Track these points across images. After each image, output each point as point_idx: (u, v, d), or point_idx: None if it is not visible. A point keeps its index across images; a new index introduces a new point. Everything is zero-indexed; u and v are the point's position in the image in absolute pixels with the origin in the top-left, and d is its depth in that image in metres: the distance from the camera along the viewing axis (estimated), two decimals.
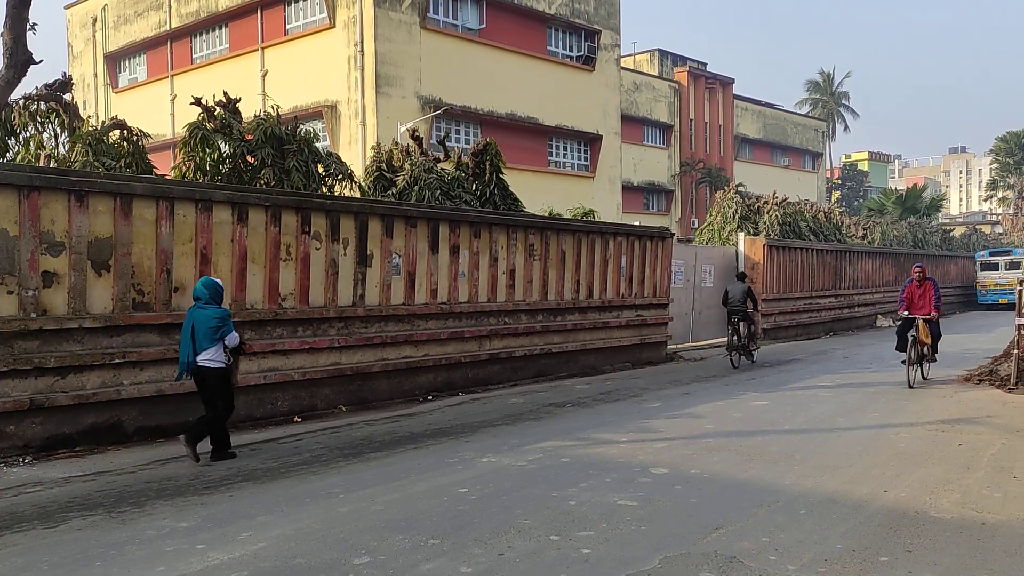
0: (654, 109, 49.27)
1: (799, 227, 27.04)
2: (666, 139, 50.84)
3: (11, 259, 8.13)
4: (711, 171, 50.62)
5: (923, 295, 13.46)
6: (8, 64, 9.86)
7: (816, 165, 65.01)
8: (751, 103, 58.40)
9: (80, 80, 36.55)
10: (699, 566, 5.00)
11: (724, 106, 54.26)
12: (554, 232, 14.95)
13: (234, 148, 12.80)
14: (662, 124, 50.10)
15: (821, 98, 76.58)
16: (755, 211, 26.71)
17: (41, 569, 5.05)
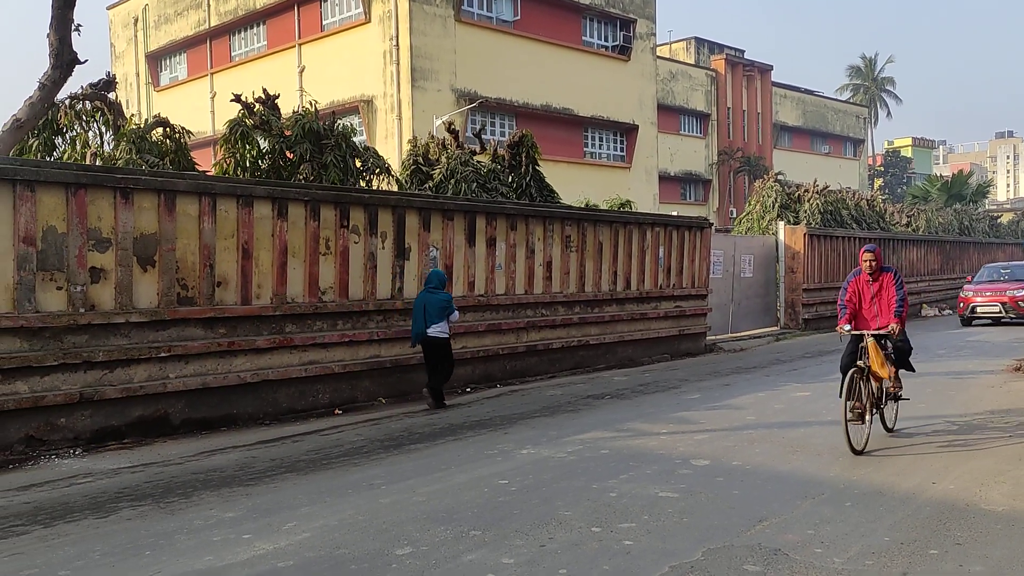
0: (691, 98, 48.78)
1: (841, 215, 26.62)
2: (703, 128, 50.31)
3: (60, 255, 8.31)
4: (749, 160, 50.00)
5: (878, 296, 8.21)
6: (54, 64, 10.06)
7: (858, 152, 63.89)
8: (790, 90, 57.55)
9: (123, 79, 37.19)
10: (743, 559, 4.96)
11: (762, 93, 53.54)
12: (591, 223, 14.90)
13: (273, 144, 12.94)
14: (699, 113, 49.58)
15: (863, 84, 75.22)
16: (795, 200, 26.35)
17: (93, 558, 5.16)
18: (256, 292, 9.91)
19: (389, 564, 4.96)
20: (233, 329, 9.69)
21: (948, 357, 15.48)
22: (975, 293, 22.42)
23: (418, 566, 4.90)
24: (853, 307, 8.31)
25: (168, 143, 12.69)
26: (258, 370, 9.89)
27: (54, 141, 12.66)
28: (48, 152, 12.54)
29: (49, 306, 8.24)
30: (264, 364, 9.98)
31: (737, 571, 4.76)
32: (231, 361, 9.68)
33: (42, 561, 5.12)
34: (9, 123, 10.21)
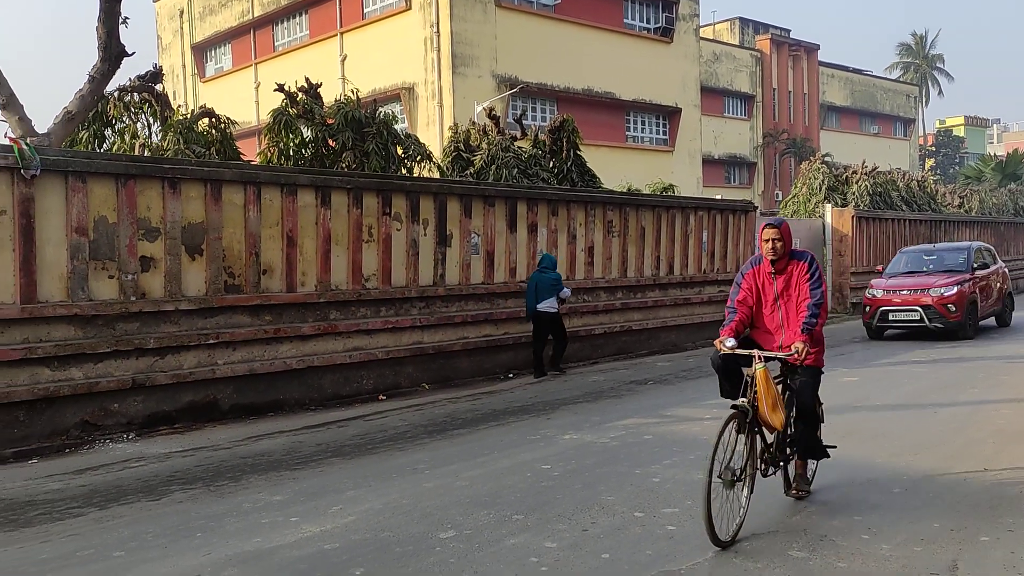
0: (735, 79, 48.03)
1: (890, 197, 26.06)
2: (748, 110, 49.53)
3: (111, 245, 8.51)
4: (796, 141, 49.13)
5: (784, 296, 5.63)
6: (103, 57, 10.27)
7: (908, 132, 62.36)
8: (837, 69, 56.33)
9: (169, 71, 37.79)
10: (788, 544, 4.91)
11: (809, 74, 52.50)
12: (633, 208, 14.79)
13: (316, 132, 13.06)
14: (743, 95, 48.81)
15: (913, 62, 73.28)
16: (843, 181, 25.86)
17: (146, 539, 5.30)
18: (301, 279, 10.04)
19: (433, 547, 5.01)
20: (279, 316, 9.84)
21: (1002, 339, 15.16)
22: (886, 292, 15.89)
23: (462, 549, 4.95)
24: (747, 312, 5.60)
25: (214, 133, 12.89)
26: (303, 356, 10.03)
27: (104, 133, 12.94)
28: (98, 144, 12.82)
29: (101, 294, 8.45)
30: (309, 350, 10.11)
31: (782, 556, 4.71)
32: (277, 347, 9.83)
33: (98, 542, 5.27)
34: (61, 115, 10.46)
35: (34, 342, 7.98)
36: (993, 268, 17.15)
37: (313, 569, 4.70)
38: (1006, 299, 17.52)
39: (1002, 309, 17.33)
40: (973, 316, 15.64)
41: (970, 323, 15.46)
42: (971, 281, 15.77)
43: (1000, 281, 17.30)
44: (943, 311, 15.11)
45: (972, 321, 15.56)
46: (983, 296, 16.23)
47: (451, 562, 4.75)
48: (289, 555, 4.94)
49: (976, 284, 15.94)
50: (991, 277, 16.86)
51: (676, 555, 4.78)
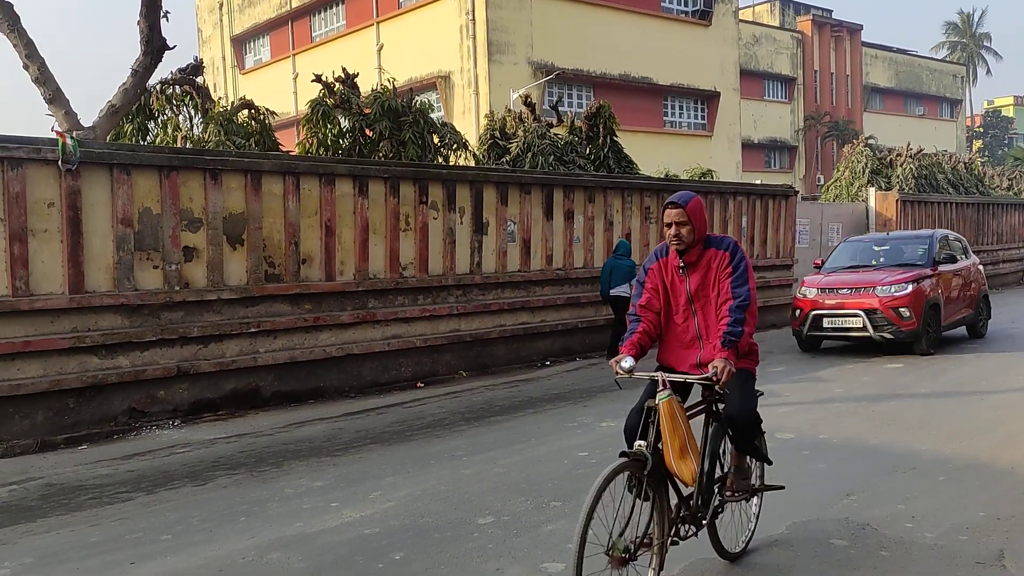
0: (775, 62, 47.29)
1: (936, 180, 25.50)
2: (789, 93, 48.76)
3: (155, 236, 8.67)
4: (838, 124, 48.28)
5: (699, 297, 4.24)
6: (145, 51, 10.45)
7: (955, 113, 60.89)
8: (881, 50, 55.16)
9: (210, 63, 38.28)
10: (829, 533, 4.87)
11: (852, 55, 51.48)
12: (670, 194, 14.64)
13: (353, 122, 13.16)
14: (784, 77, 48.04)
15: (960, 41, 71.47)
16: (887, 164, 25.36)
17: (192, 523, 5.43)
18: (339, 268, 10.14)
19: (471, 533, 5.05)
20: (318, 305, 9.95)
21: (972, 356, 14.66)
22: (821, 291, 12.34)
23: (500, 535, 4.98)
24: (653, 320, 4.25)
25: (253, 124, 13.05)
26: (343, 344, 10.14)
27: (147, 125, 13.18)
28: (142, 136, 13.07)
29: (147, 284, 8.62)
30: (348, 338, 10.22)
31: (823, 545, 4.67)
32: (317, 336, 9.95)
33: (145, 526, 5.40)
34: (105, 109, 10.67)
35: (82, 331, 8.17)
36: (964, 264, 13.47)
37: (354, 553, 4.77)
38: (980, 303, 13.79)
39: (975, 315, 13.59)
40: (935, 323, 12.09)
41: (929, 333, 11.93)
42: (933, 279, 12.25)
43: (973, 280, 13.62)
44: (893, 317, 11.56)
45: (933, 330, 12.05)
46: (949, 298, 12.63)
47: (489, 548, 4.78)
48: (331, 540, 5.02)
49: (940, 283, 12.37)
50: (961, 275, 13.15)
51: None
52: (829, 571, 4.32)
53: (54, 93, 10.31)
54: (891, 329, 11.62)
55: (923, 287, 11.93)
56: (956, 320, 12.98)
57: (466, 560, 4.63)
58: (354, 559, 4.69)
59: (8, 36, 10.02)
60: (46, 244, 7.97)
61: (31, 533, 5.34)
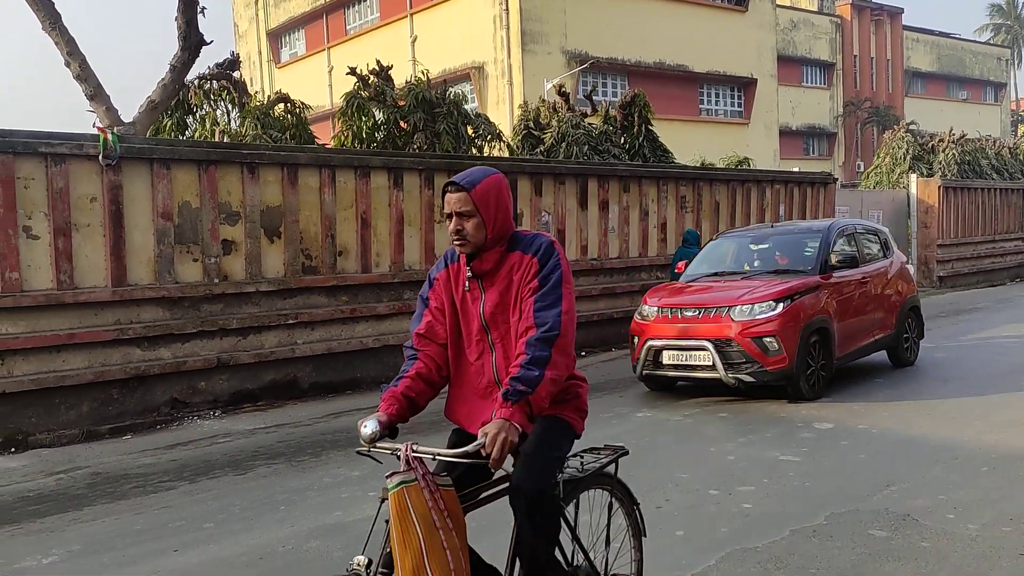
0: (814, 47, 46.52)
1: (980, 165, 24.94)
2: (827, 78, 47.96)
3: (195, 229, 8.81)
4: (878, 110, 47.40)
5: (495, 325, 2.92)
6: (183, 47, 10.58)
7: (999, 97, 59.45)
8: (923, 33, 53.99)
9: (246, 58, 38.67)
10: (869, 523, 4.81)
11: (892, 39, 50.47)
12: (706, 183, 14.54)
13: (388, 114, 13.21)
14: (823, 63, 47.25)
15: (1004, 23, 69.61)
16: (929, 150, 24.85)
17: (233, 512, 5.52)
18: (375, 260, 10.21)
19: (507, 523, 5.06)
20: (355, 296, 10.04)
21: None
22: (663, 312, 8.86)
23: None
24: (436, 355, 3.08)
25: (289, 118, 13.16)
26: (379, 335, 10.22)
27: (185, 120, 13.36)
28: (180, 131, 13.25)
29: (187, 277, 8.76)
30: (384, 329, 10.30)
31: (862, 536, 4.62)
32: (353, 327, 10.04)
33: (188, 514, 5.51)
34: (144, 105, 10.82)
35: (125, 323, 8.33)
36: (876, 267, 9.75)
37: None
38: (905, 319, 10.01)
39: (896, 336, 9.81)
40: (823, 355, 8.49)
41: (813, 370, 8.36)
42: (821, 291, 8.68)
43: (892, 289, 9.94)
44: (754, 350, 8.10)
45: (823, 365, 8.48)
46: (849, 317, 9.03)
47: None
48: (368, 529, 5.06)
49: (833, 296, 8.81)
50: (871, 282, 9.47)
51: (752, 533, 4.73)
52: (869, 562, 4.27)
53: (95, 90, 10.48)
54: (751, 369, 8.11)
55: (802, 304, 8.37)
56: (864, 346, 9.40)
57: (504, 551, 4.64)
58: None
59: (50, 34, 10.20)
60: (89, 238, 8.13)
61: (78, 521, 5.47)
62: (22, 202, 7.72)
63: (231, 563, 4.63)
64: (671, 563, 4.35)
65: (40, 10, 10.08)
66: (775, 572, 4.20)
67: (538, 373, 2.71)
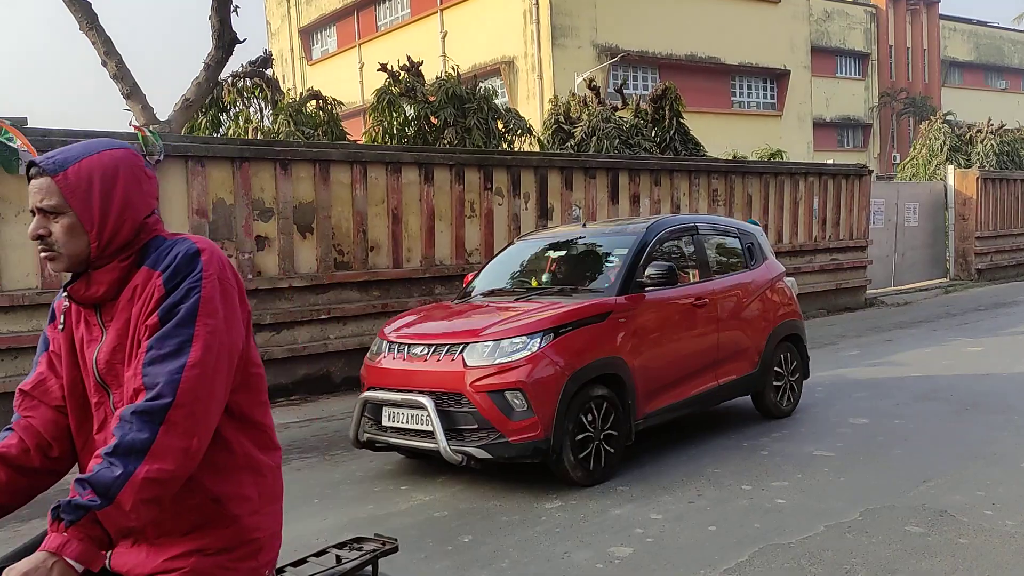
0: (848, 37, 45.85)
1: (1019, 156, 24.48)
2: (862, 69, 47.25)
3: (229, 225, 8.91)
4: (915, 100, 46.61)
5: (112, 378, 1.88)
6: (217, 45, 10.72)
7: None
8: (960, 22, 52.96)
9: (279, 55, 39.04)
10: (905, 519, 4.75)
11: (929, 28, 49.58)
12: (739, 176, 14.41)
13: (418, 110, 13.28)
14: (857, 53, 46.56)
15: None
16: (967, 141, 24.45)
17: None
18: (406, 255, 10.27)
19: (539, 517, 5.09)
20: (386, 291, 10.10)
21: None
22: (391, 348, 6.07)
23: (567, 519, 5.00)
24: (45, 423, 1.97)
25: (321, 115, 13.28)
26: None
27: (219, 118, 13.53)
28: (215, 128, 13.42)
29: None
30: None
31: (898, 532, 4.57)
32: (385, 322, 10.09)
33: None
34: (179, 103, 10.98)
35: None
36: (733, 281, 7.28)
37: (424, 536, 4.85)
38: (776, 351, 7.44)
39: (759, 376, 7.23)
40: (617, 416, 5.83)
41: (592, 440, 5.66)
42: (615, 319, 5.98)
43: (756, 310, 7.36)
44: (490, 411, 5.45)
45: (610, 432, 5.78)
46: (666, 354, 6.37)
47: (557, 531, 4.81)
48: (401, 522, 5.11)
49: (640, 326, 6.15)
50: (718, 302, 6.91)
51: (786, 529, 4.69)
52: (905, 558, 4.22)
53: (131, 88, 10.66)
54: (486, 440, 5.44)
55: (574, 341, 5.69)
56: (698, 396, 6.65)
57: (534, 543, 4.66)
58: (424, 541, 4.77)
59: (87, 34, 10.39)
60: None
61: None
62: None
63: None
64: (703, 558, 4.33)
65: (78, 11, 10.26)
66: (809, 568, 4.17)
67: (122, 471, 1.66)
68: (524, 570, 4.31)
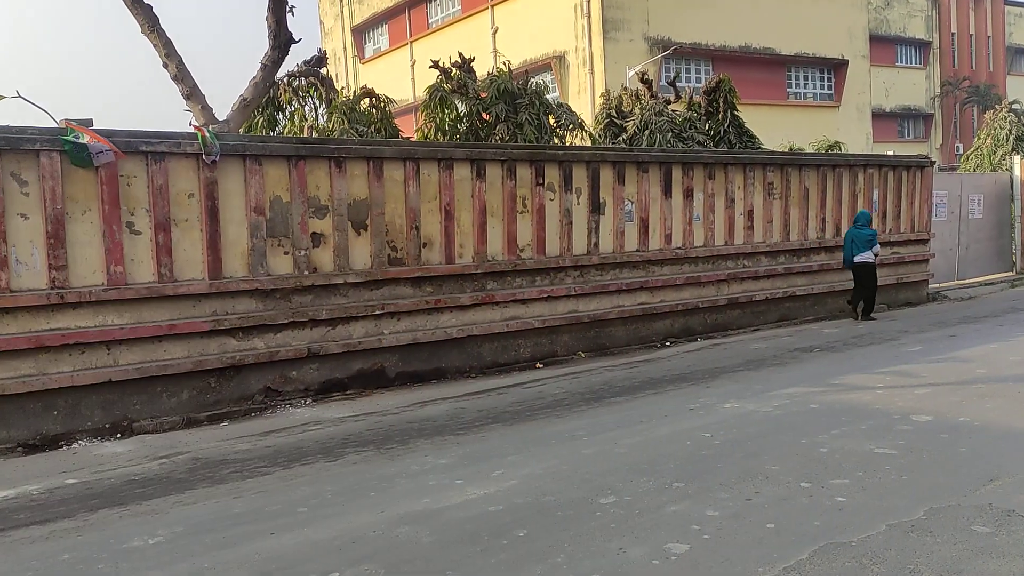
0: (908, 25, 44.66)
1: None
2: (923, 58, 45.98)
3: (285, 223, 9.06)
4: (978, 89, 45.22)
5: None
6: (273, 45, 10.89)
7: None
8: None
9: (332, 54, 39.54)
10: (970, 519, 4.62)
11: (993, 14, 48.02)
12: (795, 168, 14.14)
13: (470, 106, 13.32)
14: (918, 41, 45.32)
15: None
16: None
17: (326, 497, 5.68)
18: (459, 251, 10.31)
19: (594, 512, 5.07)
20: (439, 287, 10.16)
21: None
22: None
23: (622, 515, 4.98)
24: None
25: (375, 112, 13.41)
26: (463, 326, 10.32)
27: (276, 117, 13.75)
28: (271, 127, 13.65)
29: (278, 269, 9.03)
30: (468, 320, 10.39)
31: (964, 532, 4.44)
32: (438, 317, 10.17)
33: (283, 499, 5.69)
34: (237, 103, 11.19)
35: (221, 315, 8.65)
36: None
37: (479, 530, 4.87)
38: None
39: None
40: None
41: None
42: None
43: None
44: None
45: None
46: None
47: (612, 527, 4.79)
48: (456, 516, 5.15)
49: None
50: None
51: (847, 527, 4.60)
52: (972, 558, 4.10)
53: (191, 90, 10.88)
54: None
55: None
56: None
57: (589, 539, 4.65)
58: (479, 535, 4.79)
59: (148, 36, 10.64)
60: (187, 233, 8.46)
61: (180, 504, 5.72)
62: (125, 199, 8.08)
63: (324, 547, 4.76)
64: (761, 556, 4.28)
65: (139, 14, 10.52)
66: (871, 567, 4.08)
67: None
68: (579, 565, 4.30)
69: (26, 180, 7.58)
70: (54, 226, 7.67)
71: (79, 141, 7.57)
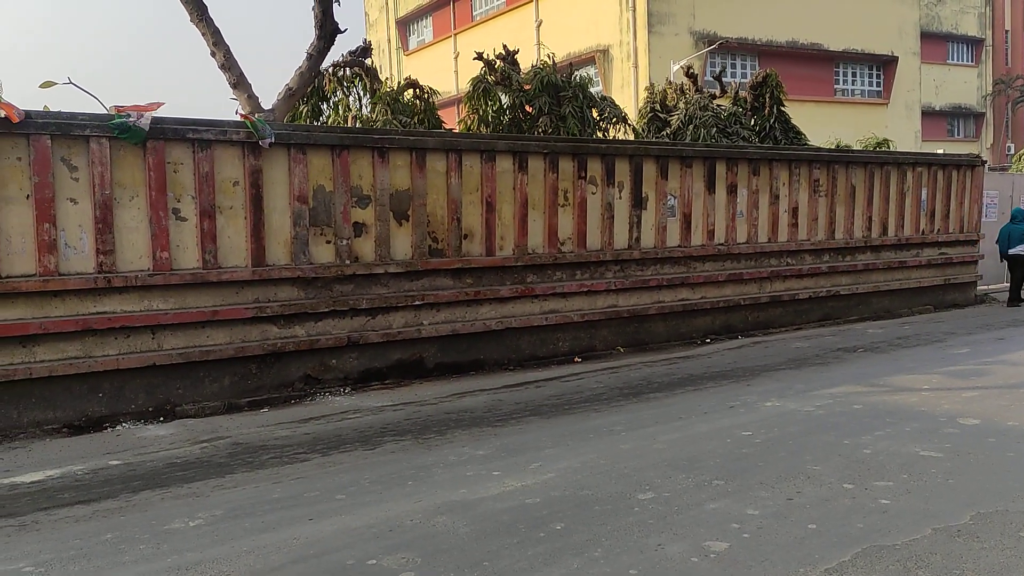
0: (960, 22, 43.62)
1: None
2: (975, 55, 44.89)
3: (328, 212, 9.13)
4: None
5: None
6: (319, 35, 10.97)
7: None
8: None
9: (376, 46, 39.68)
10: (1019, 525, 4.50)
11: None
12: (842, 165, 13.90)
13: (513, 99, 13.30)
14: (970, 39, 44.26)
15: None
16: None
17: (363, 485, 5.71)
18: (499, 244, 10.30)
19: (631, 508, 5.03)
20: (479, 279, 10.16)
21: None
22: None
23: (660, 511, 4.94)
24: None
25: (418, 103, 13.44)
26: (502, 318, 10.32)
27: (320, 107, 13.86)
28: (315, 117, 13.76)
29: (320, 258, 9.10)
30: (507, 312, 10.39)
31: (1012, 537, 4.33)
32: (477, 309, 10.17)
33: (321, 486, 5.74)
34: (283, 92, 11.29)
35: (263, 302, 8.74)
36: None
37: (516, 521, 4.86)
38: None
39: None
40: None
41: None
42: None
43: None
44: None
45: None
46: None
47: (650, 523, 4.75)
48: (493, 507, 5.14)
49: None
50: None
51: (891, 530, 4.51)
52: (1020, 565, 3.99)
53: (238, 78, 11.00)
54: None
55: None
56: None
57: (627, 534, 4.62)
58: (516, 527, 4.78)
59: (197, 25, 10.77)
60: (231, 220, 8.56)
61: (221, 488, 5.79)
62: (172, 185, 8.20)
63: (362, 534, 4.79)
64: (802, 556, 4.21)
65: (188, 3, 10.66)
66: (916, 571, 3.99)
67: None
68: (616, 560, 4.27)
69: (76, 165, 7.72)
70: (102, 211, 7.81)
71: (130, 122, 7.70)
